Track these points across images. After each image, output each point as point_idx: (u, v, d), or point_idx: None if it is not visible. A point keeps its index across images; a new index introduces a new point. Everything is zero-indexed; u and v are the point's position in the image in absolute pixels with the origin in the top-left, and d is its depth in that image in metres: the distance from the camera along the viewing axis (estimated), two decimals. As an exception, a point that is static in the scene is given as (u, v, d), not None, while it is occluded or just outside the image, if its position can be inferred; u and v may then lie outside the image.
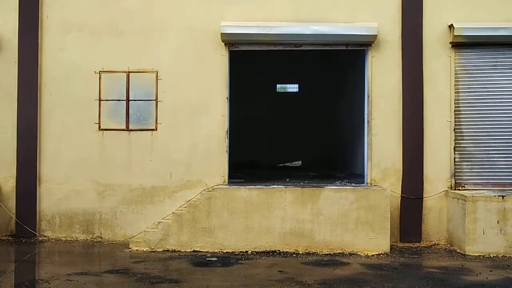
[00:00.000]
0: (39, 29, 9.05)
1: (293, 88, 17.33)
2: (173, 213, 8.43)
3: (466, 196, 8.03)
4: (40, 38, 9.06)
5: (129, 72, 9.08)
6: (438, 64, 8.91)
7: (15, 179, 9.05)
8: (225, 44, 8.97)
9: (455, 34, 8.70)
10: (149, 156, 9.06)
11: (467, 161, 8.92)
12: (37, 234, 9.00)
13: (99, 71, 9.09)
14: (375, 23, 8.81)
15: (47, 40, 9.14)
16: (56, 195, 9.07)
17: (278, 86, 17.37)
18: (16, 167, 9.03)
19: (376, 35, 8.78)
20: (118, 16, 9.09)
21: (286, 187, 8.42)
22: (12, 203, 9.06)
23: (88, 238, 9.01)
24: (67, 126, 9.10)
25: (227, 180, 8.99)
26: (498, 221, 7.96)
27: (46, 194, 9.08)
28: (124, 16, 9.08)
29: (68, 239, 8.99)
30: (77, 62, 9.10)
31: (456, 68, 8.91)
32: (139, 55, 9.07)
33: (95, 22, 9.09)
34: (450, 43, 8.86)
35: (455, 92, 8.90)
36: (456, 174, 8.90)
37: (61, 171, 9.09)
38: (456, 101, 8.90)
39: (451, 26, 8.80)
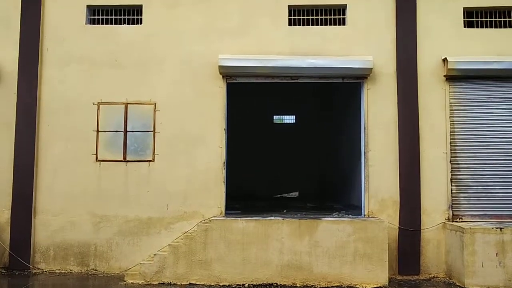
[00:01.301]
0: (39, 61, 9.18)
1: (290, 119, 17.44)
2: (169, 245, 8.34)
3: (464, 228, 8.00)
4: (39, 70, 9.18)
5: (127, 103, 9.15)
6: (433, 97, 9.03)
7: (10, 211, 8.98)
8: (223, 77, 9.09)
9: (449, 67, 8.85)
10: (145, 187, 9.03)
11: (464, 192, 8.92)
12: (31, 267, 8.87)
13: (98, 103, 9.16)
14: (371, 57, 8.98)
15: (46, 72, 9.24)
16: (51, 226, 8.99)
17: (275, 117, 17.47)
18: (12, 198, 8.98)
19: (372, 68, 8.92)
20: (117, 49, 9.23)
21: (283, 219, 8.38)
22: (6, 235, 8.95)
23: (82, 271, 8.88)
24: (64, 157, 9.10)
25: (224, 212, 8.94)
26: (497, 254, 7.90)
27: (41, 226, 9.00)
28: (123, 49, 9.23)
29: (62, 271, 8.86)
30: (76, 93, 9.18)
31: (451, 101, 9.03)
32: (137, 87, 9.17)
33: (94, 55, 9.23)
34: (444, 76, 9.00)
35: (451, 124, 8.99)
36: (453, 205, 8.89)
37: (57, 203, 9.03)
38: (451, 133, 8.98)
39: (445, 60, 8.96)
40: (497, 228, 8.01)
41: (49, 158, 9.11)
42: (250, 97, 15.22)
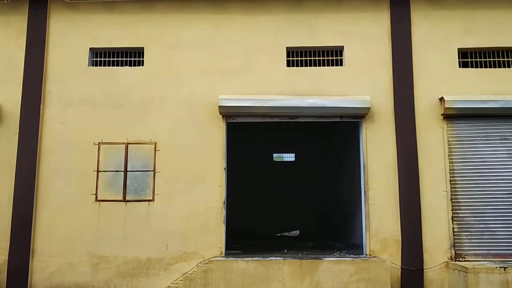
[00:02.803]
0: (41, 102, 9.29)
1: (289, 157, 17.48)
2: (168, 286, 8.24)
3: (467, 268, 7.90)
4: (41, 111, 9.27)
5: (127, 143, 9.21)
6: (431, 135, 9.10)
7: (7, 252, 8.88)
8: (223, 116, 9.19)
9: (446, 106, 8.96)
10: (145, 227, 8.96)
11: (466, 231, 8.85)
12: (27, 310, 8.70)
13: (98, 143, 9.22)
14: (368, 96, 9.10)
15: (48, 112, 9.34)
16: (49, 268, 8.86)
17: (274, 155, 17.52)
18: (10, 239, 8.89)
19: (369, 108, 9.03)
20: (118, 90, 9.36)
21: (284, 259, 8.29)
22: (3, 276, 8.81)
23: (79, 314, 8.70)
24: (64, 197, 9.07)
25: (224, 252, 8.84)
26: (501, 294, 7.78)
27: (38, 268, 8.87)
28: (125, 90, 9.36)
29: (59, 315, 8.69)
30: (77, 134, 9.25)
31: (449, 139, 9.09)
32: (138, 127, 9.25)
33: (96, 96, 9.35)
34: (442, 115, 9.09)
35: (450, 162, 9.01)
36: (455, 244, 8.81)
37: (56, 243, 8.94)
38: (451, 171, 8.99)
39: (441, 99, 9.08)
40: (501, 267, 7.92)
41: (48, 198, 9.08)
42: (250, 135, 15.33)
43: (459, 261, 8.65)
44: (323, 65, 9.48)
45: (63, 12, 9.61)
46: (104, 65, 9.59)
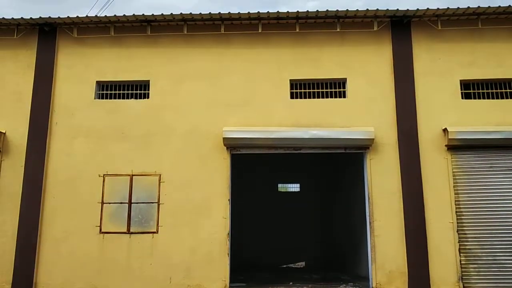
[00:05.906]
0: (48, 135, 9.39)
1: (294, 187, 17.40)
2: (171, 321, 8.09)
3: (475, 302, 7.75)
4: (48, 143, 9.36)
5: (132, 175, 9.24)
6: (436, 166, 9.06)
7: (10, 285, 8.81)
8: (227, 148, 9.23)
9: (449, 137, 8.96)
10: (149, 260, 8.90)
11: (474, 263, 8.72)
12: None
13: (103, 175, 9.25)
14: (372, 128, 9.14)
15: (54, 145, 9.43)
16: (52, 302, 8.78)
17: (279, 185, 17.46)
18: (13, 272, 8.84)
19: (373, 139, 9.06)
20: (124, 122, 9.46)
21: (289, 293, 8.17)
22: (5, 310, 8.75)
23: None
24: (67, 229, 9.05)
25: (228, 285, 8.74)
26: (511, 329, 7.60)
27: (41, 301, 8.80)
28: (130, 122, 9.46)
29: None
30: (82, 165, 9.31)
31: (454, 170, 9.05)
32: (143, 159, 9.30)
33: (102, 128, 9.46)
34: (446, 146, 9.09)
35: (455, 193, 8.95)
36: (463, 277, 8.66)
37: (59, 276, 8.88)
38: (456, 202, 8.92)
39: (445, 130, 9.09)
40: (510, 301, 7.76)
41: (53, 230, 9.07)
42: (255, 166, 15.32)
43: (468, 294, 8.50)
44: (327, 97, 9.57)
45: (71, 47, 9.82)
46: (110, 98, 9.73)
